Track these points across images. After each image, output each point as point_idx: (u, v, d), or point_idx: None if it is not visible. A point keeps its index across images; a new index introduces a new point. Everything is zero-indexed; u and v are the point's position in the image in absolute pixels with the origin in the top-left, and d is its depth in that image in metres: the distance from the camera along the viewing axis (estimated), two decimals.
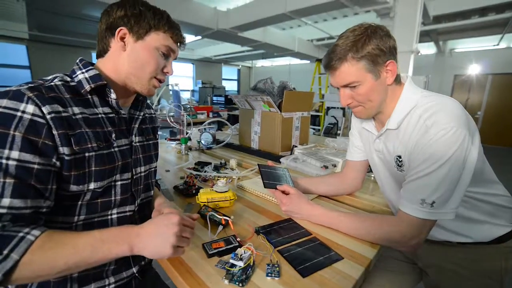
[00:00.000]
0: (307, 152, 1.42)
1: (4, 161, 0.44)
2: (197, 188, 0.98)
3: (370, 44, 0.63)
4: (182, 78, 10.02)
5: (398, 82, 0.72)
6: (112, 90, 0.60)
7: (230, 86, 11.74)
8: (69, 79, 0.58)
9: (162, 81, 0.67)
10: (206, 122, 1.89)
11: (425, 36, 5.48)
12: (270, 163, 0.96)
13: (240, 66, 11.96)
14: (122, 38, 0.60)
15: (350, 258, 0.61)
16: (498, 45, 6.16)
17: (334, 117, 5.13)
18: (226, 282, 0.51)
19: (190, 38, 6.10)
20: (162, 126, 3.35)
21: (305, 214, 0.77)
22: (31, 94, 0.48)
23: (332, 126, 5.00)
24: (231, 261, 0.55)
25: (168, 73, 0.66)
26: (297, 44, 6.80)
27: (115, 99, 0.61)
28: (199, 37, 5.66)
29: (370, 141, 0.82)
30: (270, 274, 0.53)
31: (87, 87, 0.57)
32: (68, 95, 0.55)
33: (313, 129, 5.76)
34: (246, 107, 1.71)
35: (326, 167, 1.21)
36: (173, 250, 0.51)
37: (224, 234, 0.69)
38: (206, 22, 4.77)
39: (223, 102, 7.60)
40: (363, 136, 0.88)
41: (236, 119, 1.87)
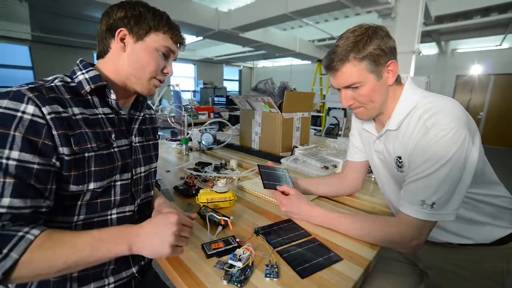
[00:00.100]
0: (308, 152, 1.42)
1: (4, 161, 0.44)
2: (197, 188, 0.98)
3: (372, 44, 0.63)
4: (184, 78, 10.05)
5: (398, 82, 0.72)
6: (112, 91, 0.60)
7: (232, 87, 11.75)
8: (69, 80, 0.58)
9: (162, 81, 0.67)
10: (207, 123, 1.89)
11: (426, 36, 5.45)
12: (270, 164, 0.96)
13: (241, 67, 11.97)
14: (122, 39, 0.60)
15: (350, 259, 0.60)
16: (500, 45, 6.13)
17: (335, 117, 5.12)
18: (225, 282, 0.51)
19: (192, 38, 6.11)
20: (163, 126, 3.36)
21: (304, 215, 0.77)
22: (32, 95, 0.49)
23: (333, 126, 4.99)
24: (230, 261, 0.55)
25: (168, 73, 0.67)
26: (298, 44, 6.80)
27: (115, 100, 0.61)
28: (201, 37, 5.67)
29: (370, 142, 0.82)
30: (268, 275, 0.53)
31: (87, 88, 0.57)
32: (68, 96, 0.55)
33: (314, 129, 5.76)
34: (246, 108, 1.71)
35: (327, 168, 1.21)
36: (171, 249, 0.51)
37: (223, 234, 0.69)
38: (207, 23, 4.78)
39: (224, 102, 7.60)
40: (363, 136, 0.88)
41: (237, 120, 1.87)
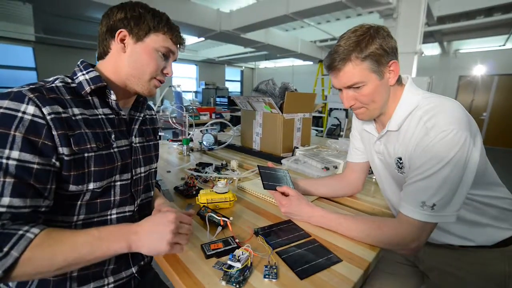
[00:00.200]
0: (309, 153, 1.42)
1: (4, 160, 0.45)
2: (197, 189, 0.98)
3: (374, 44, 0.63)
4: (186, 79, 10.08)
5: (399, 83, 0.72)
6: (112, 92, 0.61)
7: (234, 87, 11.77)
8: (70, 81, 0.59)
9: (162, 82, 0.67)
10: (208, 123, 1.90)
11: (429, 37, 5.43)
12: (270, 165, 0.95)
13: (243, 68, 11.99)
14: (122, 40, 0.60)
15: (349, 260, 0.60)
16: (504, 45, 6.08)
17: (337, 118, 5.11)
18: (223, 283, 0.51)
19: (194, 39, 6.13)
20: (165, 127, 3.37)
21: (304, 216, 0.76)
22: (32, 95, 0.49)
23: (335, 127, 4.98)
24: (229, 262, 0.55)
25: (168, 74, 0.67)
26: (300, 45, 6.80)
27: (115, 100, 0.61)
28: (202, 38, 5.69)
29: (371, 142, 0.82)
30: (267, 276, 0.53)
31: (87, 89, 0.58)
32: (68, 96, 0.55)
33: (316, 130, 5.75)
34: (248, 109, 1.71)
35: (327, 169, 1.20)
36: (169, 246, 0.52)
37: (223, 235, 0.69)
38: (209, 24, 4.80)
39: (226, 103, 7.62)
40: (364, 137, 0.87)
41: (239, 121, 1.88)
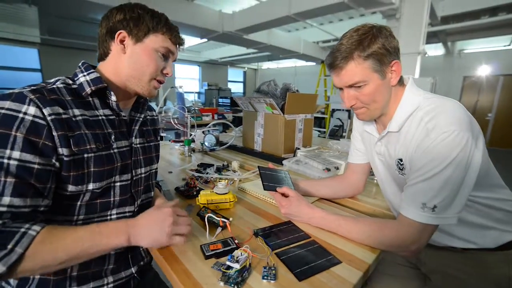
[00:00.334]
0: (310, 154, 1.41)
1: (5, 160, 0.45)
2: (198, 189, 0.98)
3: (376, 43, 0.62)
4: (189, 80, 10.13)
5: (401, 83, 0.71)
6: (112, 93, 0.61)
7: (236, 88, 11.79)
8: (71, 82, 0.59)
9: (162, 82, 0.68)
10: (210, 124, 1.90)
11: (432, 37, 5.39)
12: (270, 165, 0.95)
13: (246, 68, 12.01)
14: (121, 41, 0.61)
15: (349, 262, 0.60)
16: (509, 45, 6.02)
17: (339, 119, 5.08)
18: (222, 284, 0.51)
19: (196, 40, 6.17)
20: (167, 128, 3.38)
21: (304, 217, 0.76)
22: (33, 96, 0.50)
23: (337, 128, 4.96)
24: (228, 263, 0.54)
25: (167, 74, 0.67)
26: (302, 46, 6.79)
27: (115, 101, 0.62)
28: (205, 39, 5.72)
29: (372, 143, 0.81)
30: (266, 277, 0.53)
31: (88, 90, 0.58)
32: (69, 97, 0.56)
33: (318, 131, 5.73)
34: (249, 109, 1.71)
35: (329, 170, 1.20)
36: (168, 237, 0.56)
37: (223, 236, 0.69)
38: (212, 25, 4.82)
39: (229, 104, 7.63)
40: (365, 138, 0.87)
41: (241, 121, 1.88)
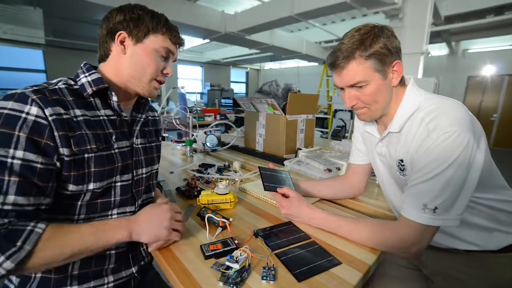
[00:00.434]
0: (312, 155, 1.41)
1: (9, 160, 0.46)
2: (199, 190, 0.99)
3: (378, 42, 0.62)
4: (191, 80, 10.17)
5: (402, 84, 0.71)
6: (113, 93, 0.62)
7: (239, 89, 11.80)
8: (72, 83, 0.60)
9: (162, 82, 0.68)
10: (212, 125, 1.91)
11: (436, 37, 5.35)
12: (271, 166, 0.95)
13: (248, 69, 12.02)
14: (122, 42, 0.61)
15: (349, 263, 0.59)
16: None
17: (342, 119, 5.07)
18: (221, 284, 0.51)
19: (199, 41, 6.19)
20: (170, 128, 3.40)
21: (305, 218, 0.76)
22: (35, 97, 0.50)
23: (340, 128, 4.94)
24: (227, 263, 0.55)
25: (168, 74, 0.68)
26: (305, 46, 6.78)
27: (117, 102, 0.62)
28: (208, 40, 5.74)
29: (373, 144, 0.81)
30: (265, 278, 0.53)
31: (89, 90, 0.59)
32: (70, 98, 0.56)
33: (321, 132, 5.71)
34: (251, 110, 1.72)
35: (330, 170, 1.19)
36: (168, 232, 0.61)
37: (223, 236, 0.69)
38: (214, 26, 4.84)
39: (231, 104, 7.64)
40: (366, 139, 0.86)
41: (243, 122, 1.88)
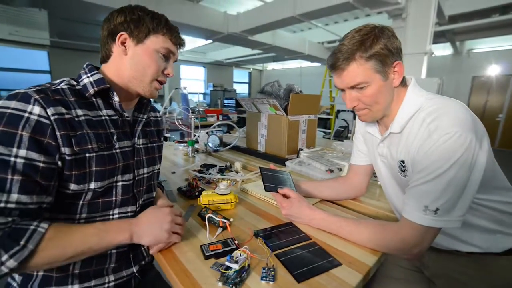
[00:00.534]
0: (313, 155, 1.40)
1: (12, 159, 0.47)
2: (200, 190, 0.99)
3: (379, 43, 0.62)
4: (194, 81, 10.21)
5: (403, 84, 0.70)
6: (115, 93, 0.62)
7: (242, 89, 11.82)
8: (75, 83, 0.61)
9: (163, 82, 0.69)
10: (214, 125, 1.91)
11: (440, 36, 5.30)
12: (272, 166, 0.95)
13: (251, 69, 12.03)
14: (123, 43, 0.62)
15: (349, 264, 0.59)
16: None
17: (344, 120, 5.04)
18: (220, 284, 0.51)
19: (201, 42, 6.21)
20: (172, 128, 3.42)
21: (305, 219, 0.76)
22: (38, 97, 0.51)
23: (342, 129, 4.91)
24: (227, 263, 0.55)
25: (169, 74, 0.68)
26: (307, 46, 6.77)
27: (118, 102, 0.63)
28: (210, 41, 5.75)
29: (374, 145, 0.80)
30: (265, 278, 0.53)
31: (91, 90, 0.59)
32: (73, 98, 0.57)
33: (323, 132, 5.69)
34: (253, 110, 1.72)
35: (332, 171, 1.19)
36: (168, 234, 0.62)
37: (223, 236, 0.70)
38: (217, 26, 4.85)
39: (234, 105, 7.66)
40: (367, 139, 0.86)
41: (245, 122, 1.88)
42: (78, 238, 0.51)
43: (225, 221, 0.71)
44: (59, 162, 0.52)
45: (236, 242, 0.65)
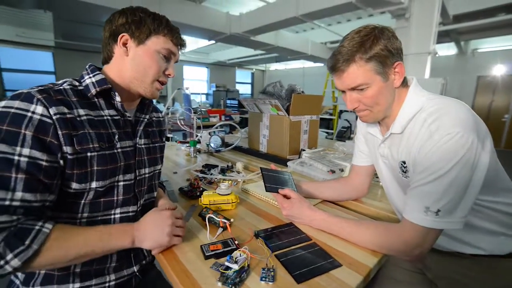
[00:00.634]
0: (315, 156, 1.40)
1: (16, 157, 0.47)
2: (201, 190, 0.99)
3: (379, 44, 0.61)
4: (197, 81, 10.25)
5: (404, 84, 0.70)
6: (116, 93, 0.63)
7: (244, 90, 11.82)
8: (77, 84, 0.61)
9: (164, 83, 0.69)
10: (217, 125, 1.92)
11: (444, 36, 5.25)
12: (273, 167, 0.95)
13: (254, 70, 12.04)
14: (124, 44, 0.63)
15: (349, 265, 0.59)
16: None
17: (347, 120, 5.02)
18: (220, 284, 0.51)
19: (204, 42, 6.23)
20: (175, 129, 3.43)
21: (306, 219, 0.76)
22: (40, 96, 0.51)
23: (345, 129, 4.88)
24: (226, 263, 0.55)
25: (170, 75, 0.69)
26: (310, 47, 6.75)
27: (120, 102, 0.63)
28: (213, 41, 5.77)
29: (375, 145, 0.80)
30: (264, 278, 0.53)
31: (93, 91, 0.60)
32: (75, 98, 0.58)
33: (326, 132, 5.67)
34: (255, 111, 1.72)
35: (333, 172, 1.19)
36: (169, 237, 0.62)
37: (224, 237, 0.70)
38: (219, 27, 4.86)
39: (237, 105, 7.67)
40: (369, 140, 0.86)
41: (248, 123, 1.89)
42: (81, 240, 0.52)
43: (225, 221, 0.71)
44: (61, 161, 0.53)
45: (236, 242, 0.65)
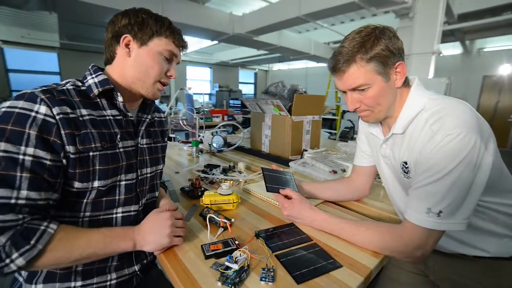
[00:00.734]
0: (317, 156, 1.40)
1: (21, 156, 0.48)
2: (203, 190, 1.00)
3: (379, 44, 0.61)
4: (200, 82, 10.28)
5: (406, 84, 0.69)
6: (119, 94, 0.63)
7: (247, 90, 11.83)
8: (80, 84, 0.62)
9: (165, 84, 0.70)
10: (220, 125, 1.92)
11: (449, 35, 5.19)
12: (274, 167, 0.95)
13: (256, 70, 12.04)
14: (127, 45, 0.63)
15: (350, 266, 0.59)
16: None
17: (350, 120, 5.00)
18: (219, 284, 0.51)
19: (207, 43, 6.25)
20: (177, 129, 3.44)
21: (306, 220, 0.75)
22: (44, 96, 0.52)
23: (348, 130, 4.87)
24: (226, 263, 0.55)
25: (171, 76, 0.69)
26: (313, 47, 6.73)
27: (122, 102, 0.64)
28: (216, 41, 5.78)
29: (377, 146, 0.79)
30: (264, 279, 0.53)
31: (95, 91, 0.61)
32: (77, 98, 0.58)
33: (329, 133, 5.65)
34: (257, 111, 1.72)
35: (335, 172, 1.18)
36: (170, 239, 0.62)
37: (224, 236, 0.70)
38: (222, 27, 4.87)
39: (239, 105, 7.67)
40: (370, 140, 0.85)
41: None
42: (84, 242, 0.53)
43: (226, 221, 0.71)
44: (64, 160, 0.53)
45: (236, 242, 0.65)
